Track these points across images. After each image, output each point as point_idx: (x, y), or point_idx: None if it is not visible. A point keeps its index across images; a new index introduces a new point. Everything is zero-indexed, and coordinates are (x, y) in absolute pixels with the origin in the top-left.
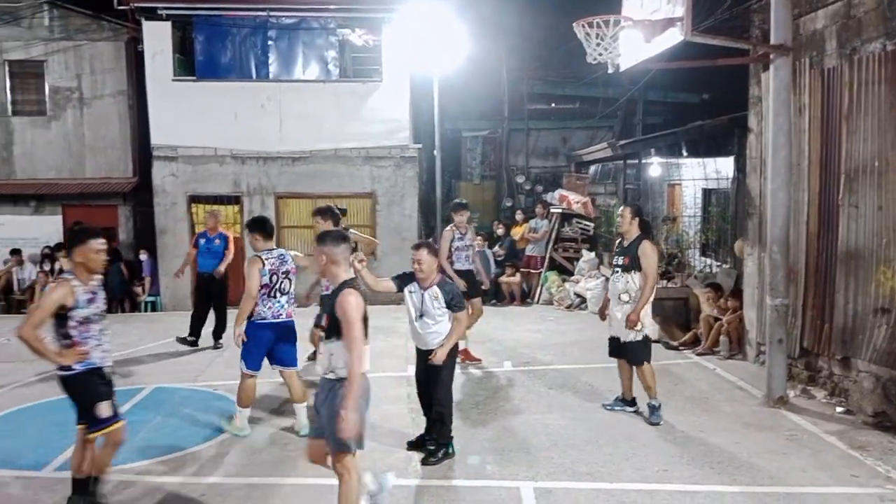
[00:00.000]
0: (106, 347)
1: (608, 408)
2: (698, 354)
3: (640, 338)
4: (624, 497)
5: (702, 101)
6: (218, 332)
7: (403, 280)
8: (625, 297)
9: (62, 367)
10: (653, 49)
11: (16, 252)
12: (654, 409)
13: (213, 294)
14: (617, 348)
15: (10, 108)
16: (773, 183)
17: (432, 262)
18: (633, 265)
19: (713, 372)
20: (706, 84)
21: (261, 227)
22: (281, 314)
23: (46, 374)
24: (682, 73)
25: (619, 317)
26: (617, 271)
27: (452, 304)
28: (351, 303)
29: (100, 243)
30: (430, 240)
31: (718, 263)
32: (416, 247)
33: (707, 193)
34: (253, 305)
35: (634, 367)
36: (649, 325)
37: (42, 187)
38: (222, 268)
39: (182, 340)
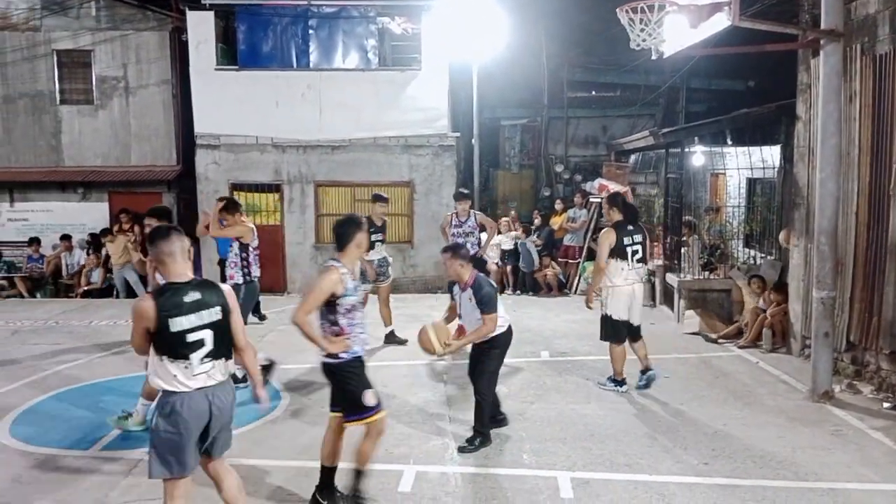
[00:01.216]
0: (365, 336)
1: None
2: (740, 347)
3: (601, 316)
4: (663, 490)
5: (747, 88)
6: (256, 308)
7: (451, 287)
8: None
9: (329, 355)
10: (698, 35)
11: (66, 238)
12: (608, 380)
13: None
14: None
15: (58, 96)
16: (822, 172)
17: (454, 264)
18: None
19: (756, 365)
20: (752, 71)
21: (169, 216)
22: None
23: (96, 356)
24: (726, 59)
25: None
26: None
27: (480, 304)
28: (135, 306)
29: (366, 228)
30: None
31: (763, 255)
32: (442, 252)
33: (752, 183)
34: None
35: (632, 344)
36: (613, 307)
37: (89, 175)
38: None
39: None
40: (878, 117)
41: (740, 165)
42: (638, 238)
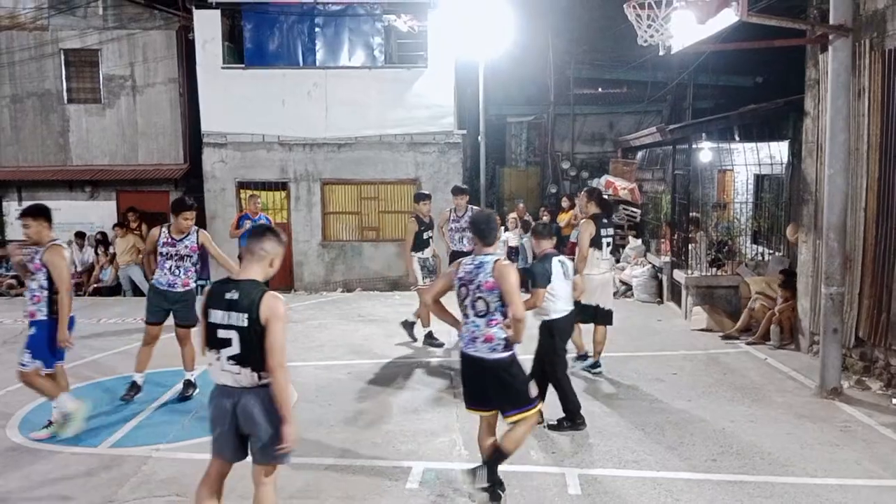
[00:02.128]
0: None
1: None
2: (748, 344)
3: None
4: (671, 486)
5: (755, 84)
6: None
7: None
8: None
9: (506, 348)
10: (706, 30)
11: (80, 235)
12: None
13: None
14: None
15: (66, 96)
16: (831, 168)
17: (533, 238)
18: None
19: (764, 362)
20: (760, 67)
21: (47, 214)
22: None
23: (104, 354)
24: (734, 55)
25: None
26: None
27: (530, 276)
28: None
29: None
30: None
31: (770, 251)
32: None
33: (759, 179)
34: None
35: (598, 327)
36: (585, 294)
37: (97, 173)
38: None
39: None
40: (887, 113)
41: (748, 162)
42: (610, 231)
